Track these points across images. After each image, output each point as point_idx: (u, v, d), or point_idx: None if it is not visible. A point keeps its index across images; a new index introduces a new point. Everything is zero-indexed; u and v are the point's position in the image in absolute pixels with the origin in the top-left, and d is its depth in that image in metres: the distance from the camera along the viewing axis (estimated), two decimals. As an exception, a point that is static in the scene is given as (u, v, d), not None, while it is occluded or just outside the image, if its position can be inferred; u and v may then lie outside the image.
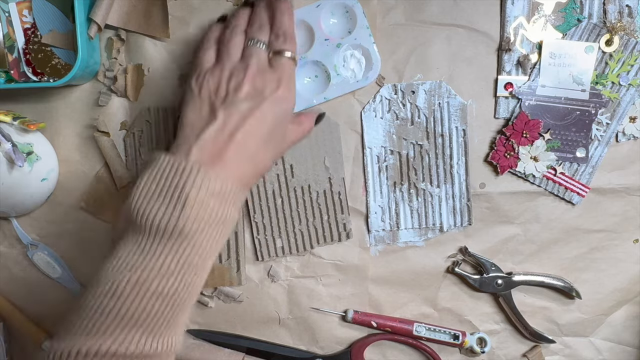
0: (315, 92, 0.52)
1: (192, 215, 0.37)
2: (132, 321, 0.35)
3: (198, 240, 0.37)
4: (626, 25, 0.52)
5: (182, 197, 0.37)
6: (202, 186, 0.37)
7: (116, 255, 0.37)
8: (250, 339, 0.55)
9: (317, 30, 0.50)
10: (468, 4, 0.52)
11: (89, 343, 0.34)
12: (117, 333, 0.35)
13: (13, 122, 0.48)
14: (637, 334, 0.58)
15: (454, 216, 0.54)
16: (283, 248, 0.54)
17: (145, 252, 0.36)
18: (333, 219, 0.54)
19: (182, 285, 0.37)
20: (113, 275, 0.36)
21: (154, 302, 0.36)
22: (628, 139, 0.54)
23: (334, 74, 0.51)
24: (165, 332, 0.37)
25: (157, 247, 0.36)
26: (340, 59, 0.51)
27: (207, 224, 0.38)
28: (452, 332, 0.56)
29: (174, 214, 0.36)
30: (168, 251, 0.36)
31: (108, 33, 0.51)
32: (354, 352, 0.55)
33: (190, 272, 0.37)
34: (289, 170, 0.53)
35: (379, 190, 0.54)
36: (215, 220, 0.38)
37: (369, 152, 0.53)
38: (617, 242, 0.56)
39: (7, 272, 0.54)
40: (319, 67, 0.51)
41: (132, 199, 0.38)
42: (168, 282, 0.36)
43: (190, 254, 0.37)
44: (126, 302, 0.35)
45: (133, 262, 0.36)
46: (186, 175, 0.37)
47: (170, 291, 0.37)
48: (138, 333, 0.35)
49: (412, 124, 0.53)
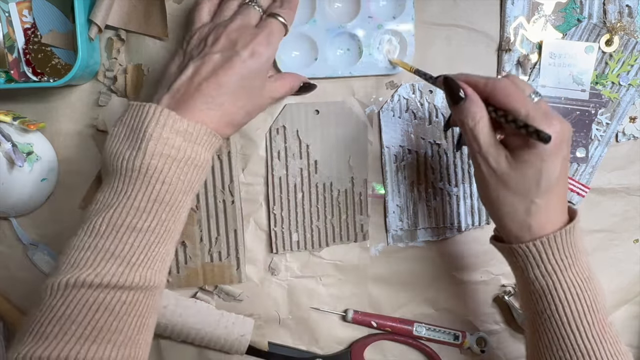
0: (343, 64, 0.51)
1: (157, 151, 0.38)
2: (108, 254, 0.37)
3: (167, 176, 0.39)
4: (626, 25, 0.52)
5: (145, 135, 0.38)
6: (165, 124, 0.39)
7: (96, 199, 0.39)
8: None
9: (363, 5, 0.50)
10: (468, 4, 0.52)
11: (69, 275, 0.36)
12: (95, 265, 0.37)
13: (13, 122, 0.48)
14: (637, 334, 0.58)
15: (472, 215, 0.55)
16: (298, 242, 0.54)
17: (118, 192, 0.38)
18: (351, 218, 0.54)
19: (156, 222, 0.39)
20: (92, 216, 0.38)
21: (128, 237, 0.38)
22: (628, 139, 0.54)
23: (367, 52, 0.51)
24: (144, 266, 0.38)
25: (127, 186, 0.38)
26: (377, 40, 0.51)
27: (174, 161, 0.39)
28: (452, 332, 0.56)
29: (139, 151, 0.38)
30: (138, 189, 0.38)
31: (108, 33, 0.51)
32: (354, 352, 0.55)
33: (163, 210, 0.39)
34: (313, 165, 0.53)
35: (397, 190, 0.54)
36: (184, 158, 0.39)
37: (387, 152, 0.53)
38: (617, 242, 0.56)
39: (7, 272, 0.54)
40: (354, 41, 0.51)
41: (106, 144, 0.40)
42: (141, 218, 0.38)
43: (160, 190, 0.39)
44: (102, 238, 0.37)
45: (108, 202, 0.38)
46: (150, 116, 0.39)
47: (144, 226, 0.38)
48: (115, 265, 0.37)
49: (430, 123, 0.53)
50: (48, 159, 0.51)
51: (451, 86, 0.41)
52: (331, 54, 0.51)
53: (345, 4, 0.51)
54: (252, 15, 0.44)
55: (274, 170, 0.53)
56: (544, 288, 0.40)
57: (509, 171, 0.39)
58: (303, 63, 0.51)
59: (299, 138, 0.53)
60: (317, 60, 0.51)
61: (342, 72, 0.51)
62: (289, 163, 0.53)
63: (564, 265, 0.40)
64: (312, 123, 0.52)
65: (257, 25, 0.44)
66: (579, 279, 0.40)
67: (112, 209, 0.38)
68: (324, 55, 0.51)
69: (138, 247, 0.38)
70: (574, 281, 0.40)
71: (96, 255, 0.37)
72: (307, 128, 0.53)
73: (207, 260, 0.53)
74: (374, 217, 0.55)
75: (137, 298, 0.37)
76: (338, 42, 0.51)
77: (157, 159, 0.38)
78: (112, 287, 0.36)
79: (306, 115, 0.52)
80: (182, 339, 0.53)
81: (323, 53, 0.51)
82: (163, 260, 0.40)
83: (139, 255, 0.38)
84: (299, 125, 0.52)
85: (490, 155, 0.40)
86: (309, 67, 0.51)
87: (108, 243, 0.37)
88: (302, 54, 0.51)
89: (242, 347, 0.53)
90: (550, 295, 0.40)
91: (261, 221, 0.54)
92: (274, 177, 0.53)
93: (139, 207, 0.38)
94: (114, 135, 0.40)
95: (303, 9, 0.49)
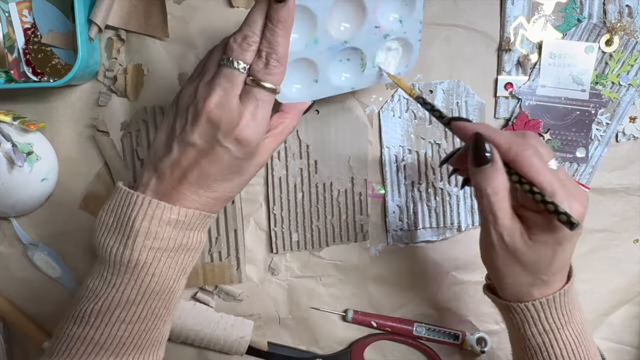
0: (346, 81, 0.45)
1: (145, 245, 0.36)
2: (98, 346, 0.36)
3: (157, 268, 0.37)
4: (626, 25, 0.52)
5: (133, 229, 0.36)
6: (154, 216, 0.36)
7: (85, 285, 0.38)
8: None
9: (370, 14, 0.42)
10: (468, 4, 0.52)
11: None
12: (84, 357, 0.36)
13: (13, 122, 0.48)
14: (637, 334, 0.58)
15: (472, 215, 0.55)
16: (298, 242, 0.54)
17: (107, 283, 0.37)
18: (351, 219, 0.54)
19: (146, 312, 0.37)
20: (81, 304, 0.37)
21: (117, 329, 0.37)
22: (628, 139, 0.54)
23: (370, 65, 0.44)
24: (134, 355, 0.38)
25: (116, 278, 0.37)
26: (382, 51, 0.45)
27: (164, 252, 0.37)
28: (452, 332, 0.56)
29: (127, 245, 0.36)
30: (127, 282, 0.37)
31: (108, 33, 0.51)
32: (354, 352, 0.55)
33: (153, 299, 0.38)
34: (313, 165, 0.53)
35: (397, 190, 0.54)
36: (175, 247, 0.38)
37: (387, 152, 0.53)
38: (617, 242, 0.56)
39: (7, 272, 0.54)
40: (356, 54, 0.44)
41: (94, 230, 0.38)
42: (130, 310, 0.37)
43: (150, 282, 0.37)
44: (92, 328, 0.36)
45: (97, 291, 0.37)
46: (138, 207, 0.36)
47: (134, 318, 0.37)
48: (104, 357, 0.37)
49: (430, 123, 0.53)
50: (48, 159, 0.51)
51: (479, 145, 0.37)
52: (333, 73, 0.44)
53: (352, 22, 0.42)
54: (236, 83, 0.36)
55: (274, 170, 0.53)
56: (539, 345, 0.40)
57: (523, 249, 0.37)
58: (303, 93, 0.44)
59: (299, 138, 0.53)
60: (318, 82, 0.43)
61: (343, 89, 0.45)
62: (289, 163, 0.53)
63: (560, 324, 0.40)
64: (312, 123, 0.52)
65: (241, 95, 0.37)
66: (574, 334, 0.40)
67: (100, 300, 0.37)
68: (326, 76, 0.43)
69: (128, 338, 0.37)
70: (570, 337, 0.40)
71: (86, 346, 0.36)
72: (307, 128, 0.53)
73: (207, 260, 0.53)
74: (374, 217, 0.55)
75: None
76: (340, 58, 0.44)
77: (145, 253, 0.36)
78: None
79: (306, 116, 0.52)
80: (182, 340, 0.53)
81: (325, 74, 0.43)
82: (156, 343, 0.39)
83: (129, 345, 0.37)
84: (299, 125, 0.52)
85: (505, 229, 0.37)
86: (309, 91, 0.43)
87: (98, 334, 0.36)
88: (302, 84, 0.43)
89: (241, 349, 0.53)
90: (546, 352, 0.40)
91: (261, 221, 0.54)
92: (274, 177, 0.53)
93: (127, 299, 0.37)
94: (102, 223, 0.38)
95: (301, 29, 0.40)
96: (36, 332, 0.54)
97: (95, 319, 0.36)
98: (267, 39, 0.36)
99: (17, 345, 0.56)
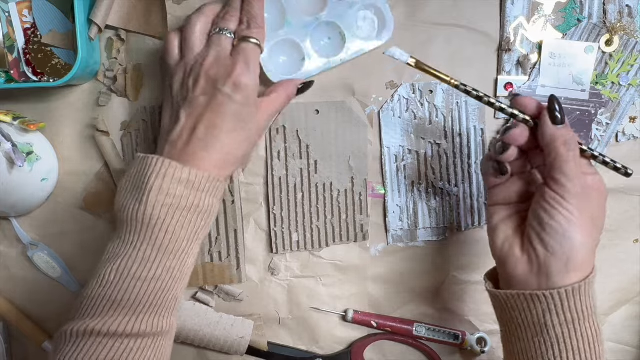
0: (330, 54, 0.50)
1: (158, 201, 0.39)
2: (115, 304, 0.38)
3: (170, 225, 0.39)
4: (626, 25, 0.52)
5: (147, 186, 0.39)
6: (166, 174, 0.39)
7: (106, 250, 0.41)
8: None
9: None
10: (468, 4, 0.52)
11: (80, 323, 0.38)
12: (103, 314, 0.38)
13: (13, 122, 0.48)
14: (637, 334, 0.58)
15: (472, 215, 0.55)
16: (298, 242, 0.54)
17: (125, 243, 0.39)
18: (351, 218, 0.54)
19: (162, 270, 0.39)
20: (101, 266, 0.40)
21: (134, 286, 0.38)
22: (628, 139, 0.54)
23: (349, 34, 0.50)
24: (150, 314, 0.39)
25: (133, 236, 0.39)
26: (354, 19, 0.50)
27: (177, 209, 0.40)
28: (452, 332, 0.56)
29: (142, 201, 0.39)
30: (143, 239, 0.39)
31: (108, 33, 0.51)
32: (354, 352, 0.55)
33: (168, 258, 0.40)
34: (313, 165, 0.53)
35: (397, 190, 0.54)
36: (187, 206, 0.40)
37: (387, 152, 0.53)
38: (617, 242, 0.56)
39: (7, 272, 0.54)
40: (332, 28, 0.50)
41: (115, 198, 0.42)
42: (146, 267, 0.39)
43: (164, 240, 0.39)
44: (110, 287, 0.38)
45: (117, 252, 0.40)
46: (152, 167, 0.40)
47: (149, 275, 0.39)
48: (121, 314, 0.38)
49: (430, 123, 0.53)
50: (48, 159, 0.51)
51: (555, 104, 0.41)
52: (316, 48, 0.50)
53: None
54: (225, 45, 0.44)
55: (274, 170, 0.53)
56: (558, 336, 0.40)
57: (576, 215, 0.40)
58: (292, 68, 0.50)
59: (299, 138, 0.53)
60: (305, 60, 0.49)
61: (333, 62, 0.50)
62: (289, 163, 0.53)
63: (583, 315, 0.40)
64: (312, 123, 0.52)
65: (231, 52, 0.44)
66: (593, 329, 0.40)
67: (119, 259, 0.39)
68: (310, 52, 0.49)
69: (144, 296, 0.39)
70: (589, 330, 0.40)
71: (104, 304, 0.38)
72: (307, 128, 0.53)
73: (207, 260, 0.53)
74: (374, 217, 0.55)
75: (145, 345, 0.38)
76: (318, 35, 0.50)
77: (158, 209, 0.39)
78: (119, 335, 0.37)
79: (306, 115, 0.52)
80: (182, 340, 0.53)
81: (308, 50, 0.49)
82: (170, 306, 0.41)
83: (145, 303, 0.39)
84: (299, 125, 0.52)
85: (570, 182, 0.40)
86: (300, 70, 0.50)
87: (115, 292, 0.38)
88: (288, 58, 0.50)
89: (241, 349, 0.53)
90: (564, 343, 0.40)
91: (261, 221, 0.54)
92: (274, 177, 0.53)
93: (143, 257, 0.39)
94: (122, 189, 0.41)
95: (273, 16, 0.48)
96: (36, 332, 0.54)
97: (114, 277, 0.38)
98: (246, 10, 0.44)
99: (17, 345, 0.56)
